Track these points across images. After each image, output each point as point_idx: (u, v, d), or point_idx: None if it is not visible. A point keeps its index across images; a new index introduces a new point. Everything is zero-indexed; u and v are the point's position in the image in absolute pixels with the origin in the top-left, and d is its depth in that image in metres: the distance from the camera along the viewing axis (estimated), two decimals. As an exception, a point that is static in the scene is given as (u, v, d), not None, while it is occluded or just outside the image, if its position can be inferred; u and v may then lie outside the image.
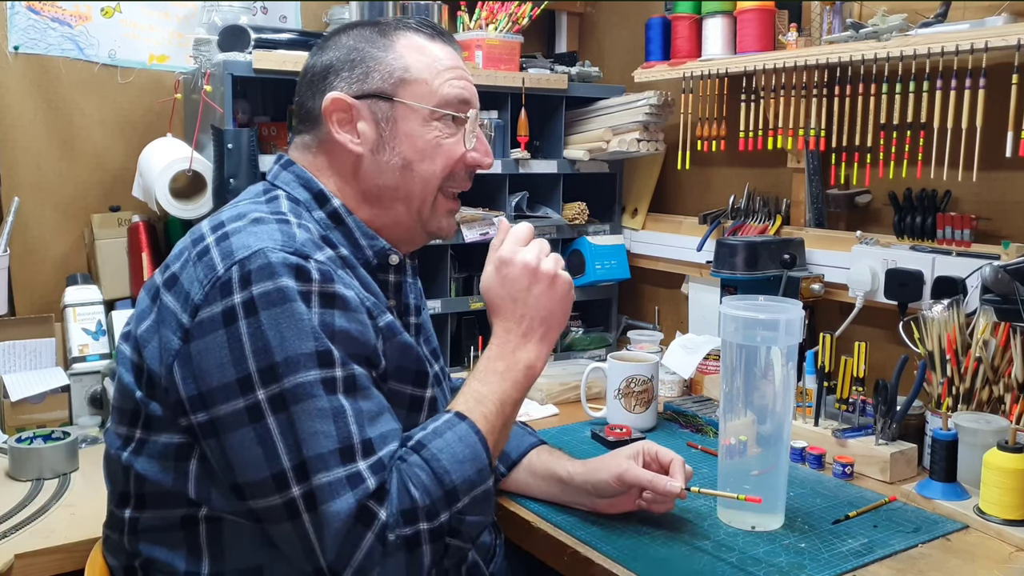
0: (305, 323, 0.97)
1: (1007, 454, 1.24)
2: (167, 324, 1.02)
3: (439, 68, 1.17)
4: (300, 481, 0.94)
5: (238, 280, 0.97)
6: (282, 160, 1.20)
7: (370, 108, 1.15)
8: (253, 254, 0.99)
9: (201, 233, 1.07)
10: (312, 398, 0.96)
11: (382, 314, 1.08)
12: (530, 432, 1.44)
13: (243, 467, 0.97)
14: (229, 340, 0.96)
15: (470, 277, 2.21)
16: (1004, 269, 1.46)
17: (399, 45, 1.16)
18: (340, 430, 0.96)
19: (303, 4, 2.32)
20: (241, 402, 0.96)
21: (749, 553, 1.19)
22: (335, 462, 0.95)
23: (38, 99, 2.05)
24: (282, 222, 1.06)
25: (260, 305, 0.96)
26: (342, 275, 1.05)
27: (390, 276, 1.18)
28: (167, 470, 1.03)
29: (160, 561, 1.05)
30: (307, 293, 0.98)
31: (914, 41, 1.63)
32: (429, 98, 1.16)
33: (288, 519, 0.95)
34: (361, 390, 1.00)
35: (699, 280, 2.19)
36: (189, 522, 1.03)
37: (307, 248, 1.02)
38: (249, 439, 0.96)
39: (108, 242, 2.08)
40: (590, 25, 2.66)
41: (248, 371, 0.96)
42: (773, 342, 1.25)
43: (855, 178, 1.82)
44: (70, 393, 1.79)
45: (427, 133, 1.16)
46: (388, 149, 1.15)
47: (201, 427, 0.99)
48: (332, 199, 1.15)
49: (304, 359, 0.96)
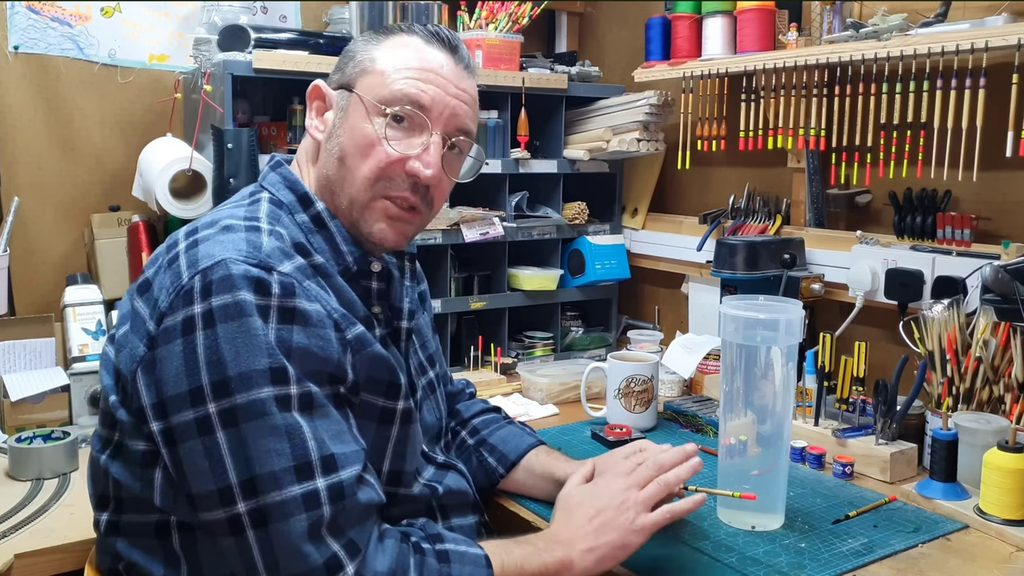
0: (260, 339, 0.95)
1: (1007, 454, 1.24)
2: (136, 330, 1.01)
3: (406, 65, 1.12)
4: (247, 498, 0.93)
5: (199, 290, 0.96)
6: (273, 161, 1.19)
7: (337, 97, 1.15)
8: (216, 264, 0.97)
9: (176, 239, 1.06)
10: (265, 416, 0.94)
11: (351, 326, 1.05)
12: (529, 432, 1.43)
13: (192, 478, 0.96)
14: (185, 351, 0.95)
15: (470, 277, 2.21)
16: (1004, 269, 1.46)
17: (388, 42, 1.15)
18: (295, 448, 0.95)
19: (303, 4, 2.32)
20: (191, 414, 0.95)
21: (749, 553, 1.19)
22: (289, 480, 0.94)
23: (38, 99, 2.05)
24: (252, 230, 1.04)
25: (218, 318, 0.95)
26: (308, 287, 1.02)
27: (373, 283, 1.15)
28: (135, 477, 1.02)
29: (139, 565, 1.04)
30: (265, 308, 0.97)
31: (914, 41, 1.63)
32: (378, 91, 1.11)
33: (231, 534, 0.94)
34: (318, 408, 0.98)
35: (699, 280, 2.19)
36: (163, 529, 1.03)
37: (272, 259, 1.00)
38: (198, 451, 0.95)
39: (108, 242, 2.08)
40: (590, 25, 2.66)
41: (200, 383, 0.95)
42: (773, 342, 1.25)
43: (855, 178, 1.82)
44: (70, 393, 1.79)
45: (367, 127, 1.10)
46: (334, 138, 1.13)
47: (159, 436, 0.98)
48: (316, 203, 1.13)
49: (257, 376, 0.94)
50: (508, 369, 2.11)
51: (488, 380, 2.00)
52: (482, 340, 2.14)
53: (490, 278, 2.24)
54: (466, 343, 2.16)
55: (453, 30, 2.22)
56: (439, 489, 1.21)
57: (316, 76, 1.20)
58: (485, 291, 2.22)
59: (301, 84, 1.91)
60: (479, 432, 1.41)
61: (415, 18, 2.11)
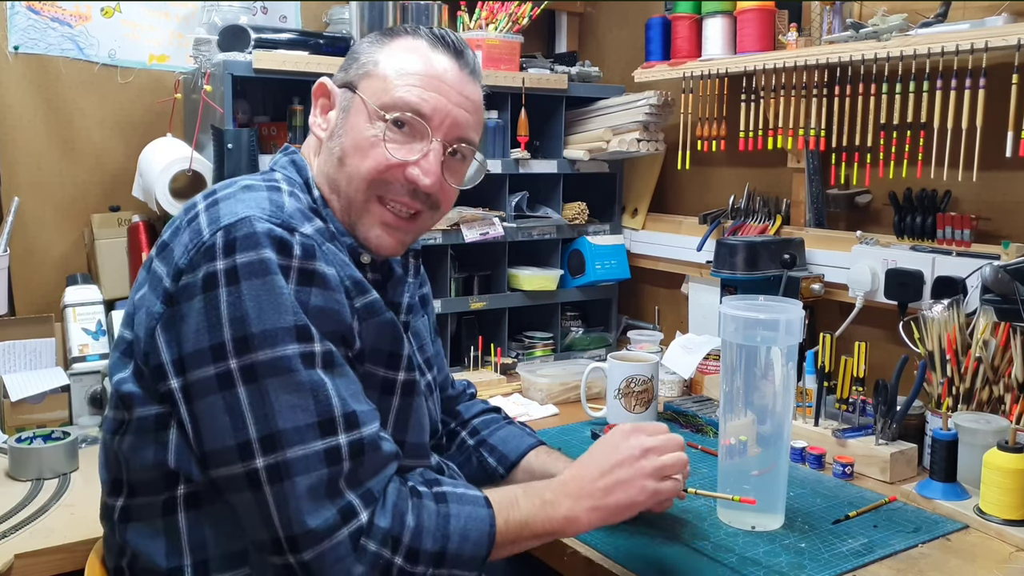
0: (285, 297, 0.96)
1: (1007, 454, 1.24)
2: (154, 289, 1.02)
3: (409, 71, 1.11)
4: (267, 452, 0.94)
5: (222, 246, 0.97)
6: (288, 150, 1.20)
7: (341, 97, 1.15)
8: (239, 221, 0.98)
9: (193, 202, 1.07)
10: (291, 372, 0.95)
11: (361, 294, 1.07)
12: (529, 433, 1.43)
13: (209, 434, 0.96)
14: (207, 307, 0.96)
15: (470, 277, 2.21)
16: (1004, 269, 1.46)
17: (393, 44, 1.15)
18: (319, 404, 0.96)
19: (303, 4, 2.32)
20: (212, 369, 0.95)
21: (749, 553, 1.19)
22: (312, 435, 0.95)
23: (38, 99, 2.05)
24: (273, 190, 1.06)
25: (242, 275, 0.96)
26: (327, 250, 1.04)
27: (368, 274, 1.15)
28: (147, 444, 1.02)
29: (143, 556, 1.04)
30: (287, 268, 0.98)
31: (914, 41, 1.63)
32: (380, 96, 1.11)
33: (248, 488, 0.95)
34: (338, 366, 1.00)
35: (699, 280, 2.19)
36: (169, 507, 1.03)
37: (294, 219, 1.02)
38: (218, 407, 0.95)
39: (108, 242, 2.08)
40: (590, 25, 2.66)
41: (222, 339, 0.95)
42: (773, 342, 1.25)
43: (855, 178, 1.82)
44: (70, 393, 1.79)
45: (368, 130, 1.10)
46: (336, 138, 1.14)
47: (178, 392, 0.98)
48: (314, 189, 1.14)
49: (282, 333, 0.95)
50: (508, 369, 2.11)
51: (488, 380, 2.00)
52: (482, 340, 2.14)
53: (490, 278, 2.24)
54: (466, 343, 2.16)
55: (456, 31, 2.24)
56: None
57: (316, 76, 1.20)
58: (485, 291, 2.22)
59: (301, 84, 1.93)
60: (479, 432, 1.41)
61: (415, 18, 2.11)
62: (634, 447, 1.11)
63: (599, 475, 1.10)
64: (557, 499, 1.08)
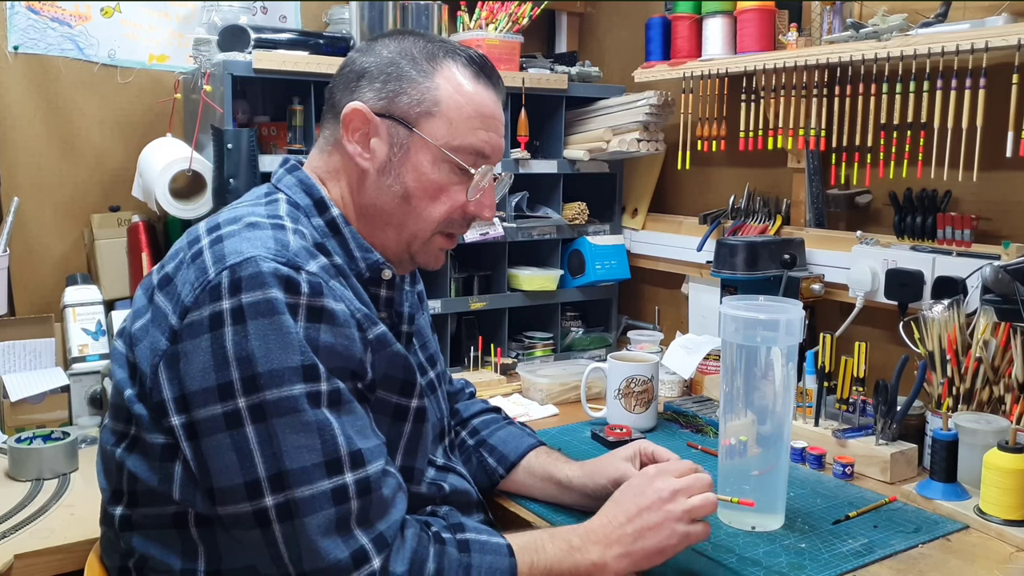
0: (292, 337, 0.96)
1: (1007, 454, 1.24)
2: (157, 324, 1.02)
3: (469, 113, 1.13)
4: (275, 492, 0.94)
5: (228, 286, 0.97)
6: (288, 164, 1.19)
7: (389, 129, 1.13)
8: (245, 261, 0.98)
9: (197, 234, 1.06)
10: (297, 412, 0.95)
11: (372, 326, 1.07)
12: (529, 433, 1.44)
13: (217, 473, 0.96)
14: (213, 345, 0.96)
15: (470, 277, 2.21)
16: (1004, 269, 1.46)
17: (440, 75, 1.13)
18: (326, 444, 0.96)
19: (303, 4, 2.32)
20: (219, 408, 0.95)
21: (749, 554, 1.19)
22: (319, 475, 0.95)
23: (38, 99, 2.05)
24: (277, 227, 1.05)
25: (248, 314, 0.96)
26: (334, 286, 1.03)
27: (382, 291, 1.16)
28: (154, 470, 1.02)
29: (155, 559, 1.04)
30: (295, 306, 0.97)
31: (914, 41, 1.63)
32: (447, 139, 1.12)
33: (258, 526, 0.95)
34: (344, 404, 1.00)
35: (699, 280, 2.19)
36: (180, 520, 1.03)
37: (300, 258, 1.01)
38: (225, 445, 0.95)
39: (108, 242, 2.08)
40: (590, 25, 2.66)
41: (230, 378, 0.95)
42: (773, 342, 1.25)
43: (855, 178, 1.82)
44: (70, 393, 1.79)
45: (434, 172, 1.13)
46: (393, 174, 1.13)
47: (180, 430, 0.98)
48: (331, 208, 1.14)
49: (289, 373, 0.95)
50: (508, 369, 2.11)
51: (488, 380, 2.00)
52: (482, 340, 2.14)
53: (490, 278, 2.24)
54: (466, 343, 2.16)
55: (454, 32, 2.24)
56: (445, 487, 1.22)
57: (316, 76, 1.20)
58: (485, 291, 2.22)
59: (301, 84, 1.93)
60: (479, 432, 1.41)
61: (415, 19, 2.11)
62: (662, 490, 1.10)
63: (626, 520, 1.09)
64: (585, 545, 1.07)
